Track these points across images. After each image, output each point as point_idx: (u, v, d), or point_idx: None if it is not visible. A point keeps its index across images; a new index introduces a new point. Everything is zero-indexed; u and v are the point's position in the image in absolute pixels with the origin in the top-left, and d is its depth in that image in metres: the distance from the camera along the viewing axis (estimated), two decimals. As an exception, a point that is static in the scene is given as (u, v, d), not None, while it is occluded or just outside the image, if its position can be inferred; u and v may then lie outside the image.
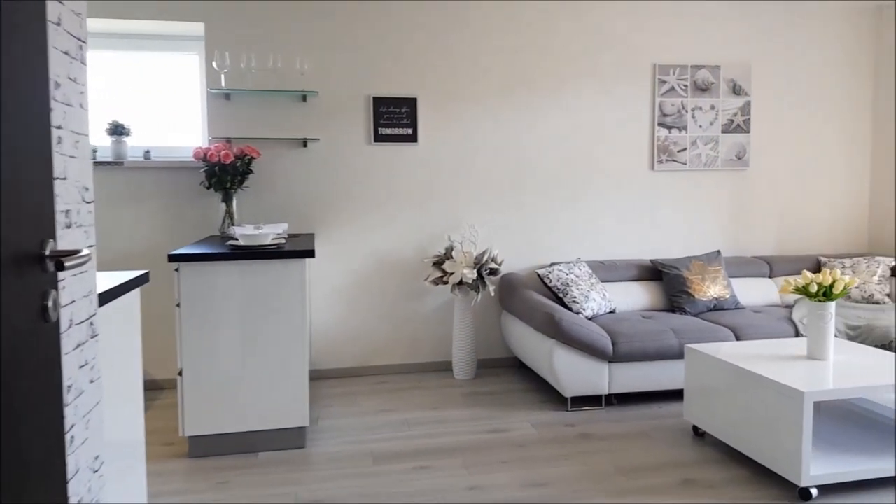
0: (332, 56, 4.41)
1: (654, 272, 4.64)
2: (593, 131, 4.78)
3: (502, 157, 4.68)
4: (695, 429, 3.50)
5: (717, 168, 4.95)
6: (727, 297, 4.44)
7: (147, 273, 2.29)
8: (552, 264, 4.54)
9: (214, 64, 4.20)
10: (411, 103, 4.52)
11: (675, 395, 4.09)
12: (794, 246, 5.12)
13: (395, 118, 4.52)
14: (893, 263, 4.57)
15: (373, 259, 4.58)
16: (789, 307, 4.48)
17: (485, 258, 4.37)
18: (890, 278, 4.52)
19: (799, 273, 4.81)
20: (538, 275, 4.37)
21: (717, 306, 4.41)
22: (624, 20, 4.73)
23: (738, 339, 3.94)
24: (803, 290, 3.14)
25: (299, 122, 4.40)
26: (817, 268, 4.80)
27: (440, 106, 4.57)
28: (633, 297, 4.55)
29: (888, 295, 4.44)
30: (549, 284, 4.30)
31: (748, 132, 4.97)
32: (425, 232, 4.63)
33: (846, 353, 3.24)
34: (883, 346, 3.74)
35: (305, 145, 4.40)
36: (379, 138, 4.50)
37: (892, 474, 2.79)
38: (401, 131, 4.53)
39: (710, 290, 4.42)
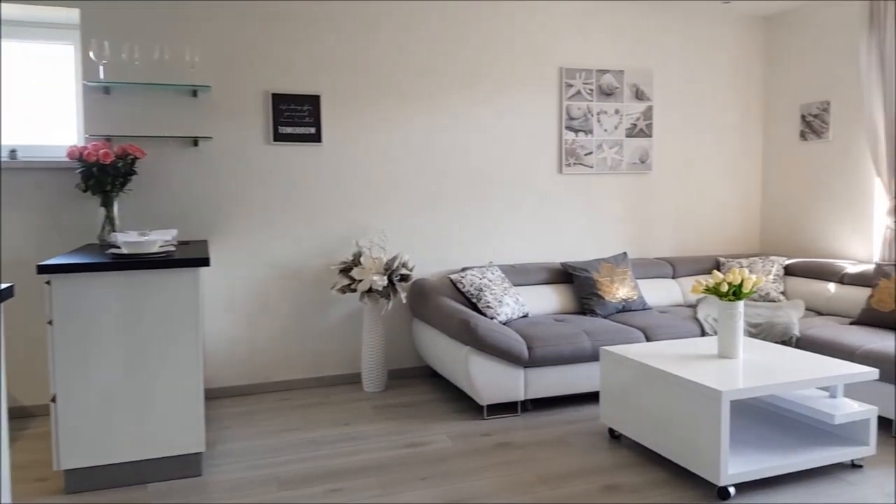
0: (227, 48, 4.10)
1: (565, 275, 4.62)
2: (503, 134, 4.72)
3: (412, 160, 4.52)
4: (611, 431, 3.47)
5: (622, 171, 5.02)
6: (635, 298, 4.48)
7: (11, 286, 1.95)
8: (464, 269, 4.43)
9: (92, 54, 3.78)
10: (314, 101, 4.27)
11: (590, 398, 4.06)
12: (694, 247, 5.28)
13: (296, 116, 4.26)
14: (787, 262, 4.78)
15: (274, 267, 4.29)
16: (693, 306, 4.59)
17: (395, 264, 4.18)
18: (784, 277, 4.73)
19: (700, 273, 4.94)
20: (451, 280, 4.24)
21: (626, 307, 4.44)
22: (531, 24, 4.71)
23: (648, 339, 3.96)
24: (714, 290, 3.17)
25: (190, 119, 4.05)
26: (716, 267, 4.95)
27: (346, 105, 4.35)
28: (545, 300, 4.51)
29: (783, 293, 4.63)
30: (463, 290, 4.18)
31: (650, 136, 5.07)
32: (331, 237, 4.39)
33: (753, 350, 3.30)
34: (784, 342, 3.87)
35: (196, 144, 4.06)
36: (279, 137, 4.22)
37: (804, 468, 2.85)
38: (303, 130, 4.27)
39: (619, 291, 4.45)
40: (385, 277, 4.10)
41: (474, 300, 4.14)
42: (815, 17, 4.89)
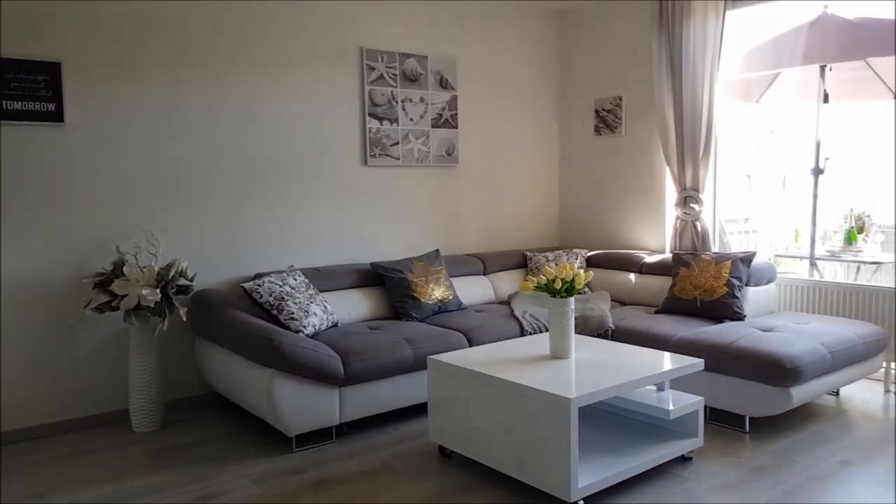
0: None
1: (376, 276, 4.18)
2: (301, 121, 4.13)
3: (191, 148, 3.75)
4: (441, 450, 3.10)
5: (429, 164, 4.70)
6: (450, 297, 4.19)
7: None
8: (258, 276, 3.78)
9: None
10: (53, 69, 3.33)
11: (413, 412, 3.66)
12: (501, 241, 5.15)
13: (28, 88, 3.29)
14: (588, 254, 4.83)
15: (4, 286, 3.27)
16: (506, 303, 4.42)
17: (171, 273, 3.41)
18: (587, 269, 4.76)
19: (510, 269, 4.80)
20: (244, 289, 3.57)
21: (443, 308, 4.13)
22: (326, -5, 4.18)
23: (470, 342, 3.67)
24: (546, 288, 2.94)
25: None
26: (524, 263, 4.86)
27: (99, 76, 3.46)
28: (356, 306, 4.02)
29: (587, 285, 4.65)
30: (260, 300, 3.54)
31: (456, 128, 4.83)
32: (81, 243, 3.48)
33: (580, 348, 3.14)
34: (600, 335, 3.82)
35: None
36: (5, 115, 3.23)
37: (646, 469, 2.72)
38: (38, 106, 3.31)
39: (435, 292, 4.12)
40: (158, 291, 3.32)
41: (275, 312, 3.52)
42: (607, 14, 5.01)
